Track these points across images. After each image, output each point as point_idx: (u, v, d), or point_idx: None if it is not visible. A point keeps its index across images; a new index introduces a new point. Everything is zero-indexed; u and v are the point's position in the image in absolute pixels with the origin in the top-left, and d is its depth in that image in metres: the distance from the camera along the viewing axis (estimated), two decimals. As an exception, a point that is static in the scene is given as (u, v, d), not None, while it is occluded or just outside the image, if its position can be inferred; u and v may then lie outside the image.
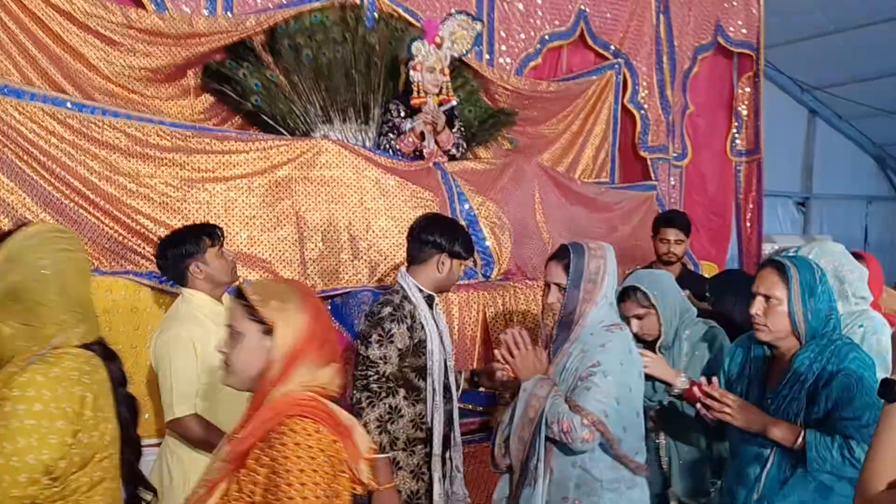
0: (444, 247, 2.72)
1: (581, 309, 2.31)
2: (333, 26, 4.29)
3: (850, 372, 2.18)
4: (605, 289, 2.33)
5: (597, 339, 2.27)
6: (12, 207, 3.35)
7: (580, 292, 2.30)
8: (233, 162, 3.67)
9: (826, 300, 2.29)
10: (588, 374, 2.22)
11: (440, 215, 2.92)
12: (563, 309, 2.33)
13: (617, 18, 5.61)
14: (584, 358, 2.26)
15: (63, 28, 3.73)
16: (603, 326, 2.31)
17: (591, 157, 5.51)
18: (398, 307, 2.65)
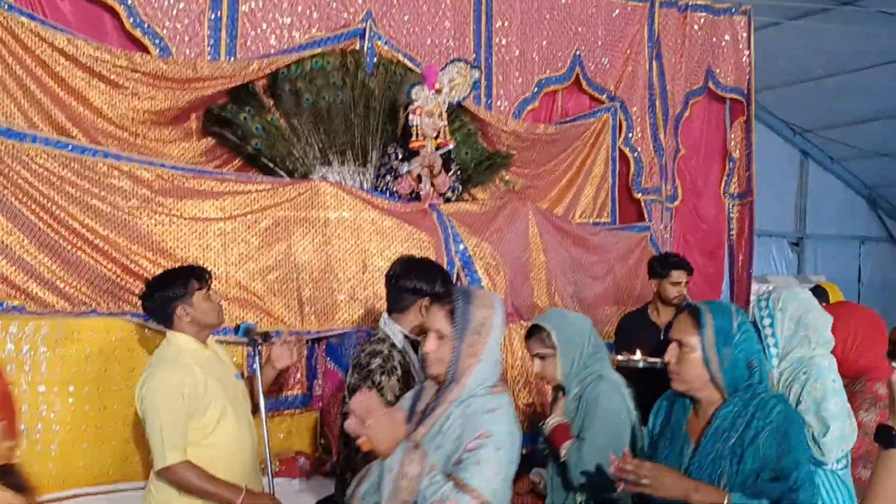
0: (426, 291, 2.67)
1: (463, 364, 2.01)
2: (334, 71, 4.38)
3: (777, 428, 2.01)
4: (491, 344, 2.05)
5: (483, 403, 1.99)
6: (10, 249, 3.38)
7: (464, 344, 2.01)
8: (232, 203, 3.71)
9: (746, 349, 2.10)
10: (477, 446, 1.91)
11: (415, 259, 2.84)
12: (445, 362, 2.04)
13: (612, 63, 5.73)
14: (467, 423, 1.96)
15: (68, 71, 3.80)
16: (488, 387, 2.04)
17: (591, 198, 5.58)
18: (387, 358, 2.59)
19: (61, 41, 3.73)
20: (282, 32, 4.47)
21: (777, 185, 9.27)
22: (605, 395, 2.56)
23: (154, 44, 4.10)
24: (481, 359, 2.02)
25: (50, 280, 3.41)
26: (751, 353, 2.11)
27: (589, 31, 5.65)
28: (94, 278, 3.47)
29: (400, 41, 4.84)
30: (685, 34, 6.05)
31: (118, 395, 3.31)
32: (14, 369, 3.11)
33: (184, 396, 2.50)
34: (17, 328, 3.14)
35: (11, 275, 3.38)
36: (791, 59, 8.14)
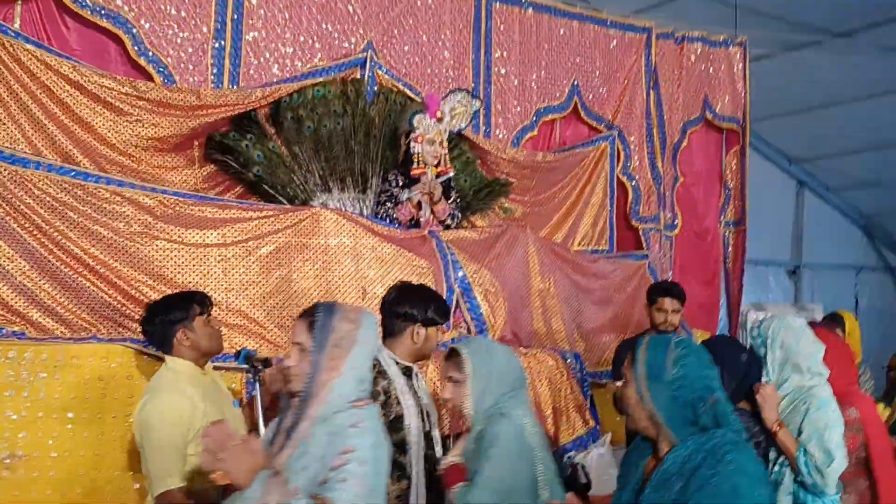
0: (417, 317, 2.70)
1: (322, 378, 1.93)
2: (335, 99, 4.43)
3: (725, 479, 1.79)
4: (353, 359, 1.96)
5: (346, 419, 1.91)
6: (11, 275, 3.39)
7: (323, 357, 1.94)
8: (233, 230, 3.73)
9: (687, 387, 1.89)
10: (341, 463, 1.84)
11: (409, 285, 2.86)
12: (303, 376, 1.96)
13: (609, 93, 5.81)
14: (331, 441, 1.89)
15: (73, 98, 3.85)
16: (350, 403, 1.96)
17: (590, 226, 5.62)
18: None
19: (66, 68, 3.78)
20: (284, 62, 4.54)
21: (773, 213, 9.31)
22: (503, 437, 2.38)
23: (158, 72, 4.15)
24: (342, 373, 1.94)
25: (50, 306, 3.42)
26: (694, 392, 1.89)
27: (587, 61, 5.74)
28: (95, 304, 3.47)
29: (400, 70, 4.91)
30: (682, 65, 6.14)
31: (117, 421, 3.29)
32: (13, 395, 3.10)
33: (182, 422, 2.49)
34: (16, 353, 3.13)
35: (12, 300, 3.38)
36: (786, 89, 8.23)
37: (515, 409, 2.48)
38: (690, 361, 1.94)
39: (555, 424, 3.78)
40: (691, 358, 1.95)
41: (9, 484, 3.06)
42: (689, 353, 1.96)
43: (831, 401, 2.71)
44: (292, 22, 4.61)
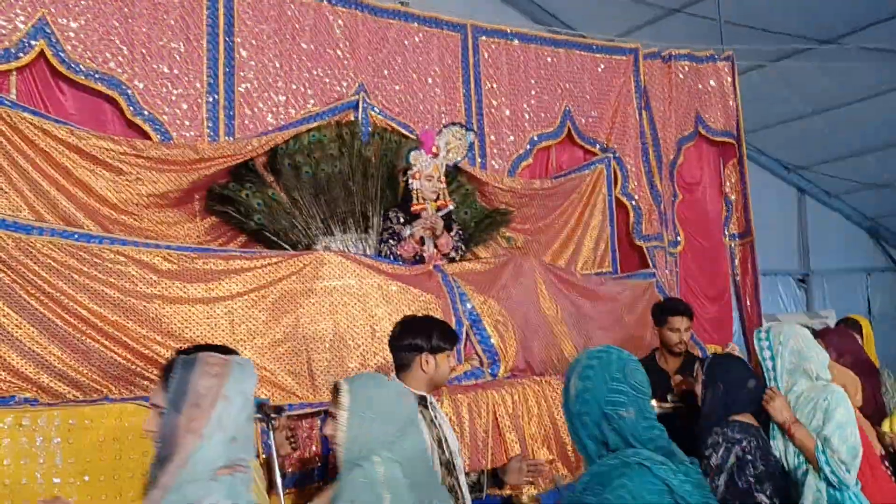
0: (423, 347, 2.72)
1: (177, 440, 1.69)
2: (330, 143, 4.47)
3: None
4: (219, 418, 1.72)
5: (192, 493, 1.67)
6: (20, 342, 3.38)
7: (179, 418, 1.70)
8: (238, 280, 3.73)
9: (592, 403, 1.79)
10: None
11: (412, 317, 2.90)
12: (157, 439, 1.76)
13: (601, 116, 5.85)
14: None
15: (71, 161, 3.88)
16: (215, 470, 1.71)
17: (591, 249, 5.61)
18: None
19: (64, 133, 3.83)
20: (278, 110, 4.59)
21: (777, 223, 9.31)
22: (349, 488, 2.20)
23: (154, 129, 4.20)
24: (203, 435, 1.69)
25: (60, 370, 3.41)
26: (600, 408, 1.76)
27: (576, 86, 5.79)
28: (105, 365, 3.46)
29: (392, 109, 4.96)
30: (671, 82, 6.19)
31: (133, 481, 3.26)
32: (28, 462, 3.08)
33: None
34: (29, 420, 3.11)
35: (22, 367, 3.38)
36: (778, 99, 8.30)
37: (377, 458, 2.21)
38: (594, 374, 1.80)
39: (575, 452, 3.73)
40: (596, 370, 1.80)
41: (28, 553, 3.03)
42: (595, 365, 1.81)
43: (846, 398, 2.80)
44: (283, 70, 4.67)
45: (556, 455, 3.64)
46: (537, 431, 3.63)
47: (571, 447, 3.73)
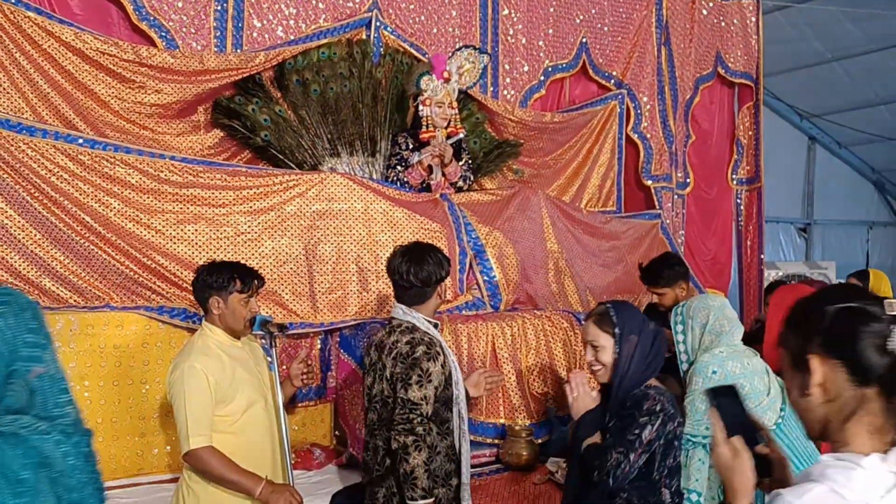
0: (444, 275, 2.71)
1: None
2: (340, 62, 4.35)
3: None
4: None
5: None
6: (23, 244, 3.38)
7: None
8: (243, 196, 3.69)
9: None
10: None
11: (411, 250, 2.72)
12: None
13: (619, 50, 5.69)
14: None
15: (75, 65, 3.78)
16: None
17: (597, 187, 5.55)
18: (430, 345, 2.58)
19: (68, 35, 3.71)
20: (288, 23, 4.45)
21: (784, 170, 9.24)
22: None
23: (160, 36, 4.08)
24: None
25: (63, 275, 3.41)
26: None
27: (595, 17, 5.62)
28: (108, 272, 3.46)
29: (406, 30, 4.81)
30: (694, 19, 6.01)
31: (132, 389, 3.32)
32: (29, 365, 3.11)
33: (209, 384, 2.51)
34: (31, 323, 3.13)
35: (25, 270, 3.38)
36: (798, 43, 8.09)
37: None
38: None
39: (570, 385, 3.78)
40: (8, 318, 1.41)
41: (29, 452, 3.09)
42: (7, 309, 1.42)
43: (709, 364, 2.80)
44: (295, -18, 4.51)
45: (550, 388, 3.68)
46: (534, 364, 3.67)
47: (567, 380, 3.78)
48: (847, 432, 1.21)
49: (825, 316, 1.22)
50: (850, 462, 1.17)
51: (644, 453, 2.22)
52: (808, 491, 1.15)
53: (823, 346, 1.21)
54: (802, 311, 1.28)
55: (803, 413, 1.27)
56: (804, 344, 1.24)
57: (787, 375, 1.30)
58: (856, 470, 1.16)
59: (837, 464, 1.18)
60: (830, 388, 1.21)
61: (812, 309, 1.25)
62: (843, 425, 1.21)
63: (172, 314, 3.38)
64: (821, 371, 1.22)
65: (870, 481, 1.15)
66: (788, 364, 1.29)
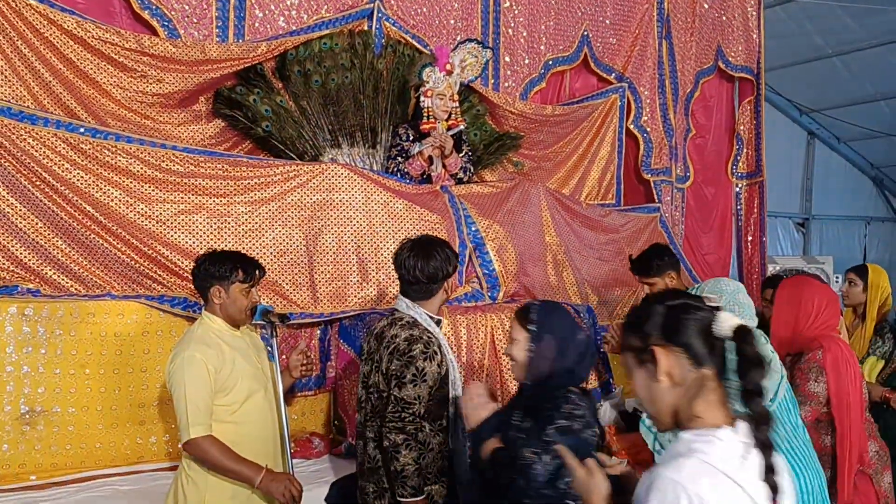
0: (451, 271, 2.66)
1: None
2: (342, 52, 4.35)
3: None
4: None
5: None
6: (24, 233, 3.39)
7: None
8: (244, 186, 3.70)
9: None
10: None
11: (419, 245, 2.67)
12: None
13: (620, 43, 5.70)
14: None
15: (76, 54, 3.78)
16: None
17: (597, 180, 5.57)
18: (428, 343, 2.55)
19: (70, 24, 3.71)
20: (290, 13, 4.45)
21: (783, 165, 9.23)
22: None
23: (162, 25, 4.07)
24: None
25: (64, 263, 3.42)
26: None
27: (597, 10, 5.62)
28: (108, 261, 3.47)
29: (408, 22, 4.81)
30: (695, 13, 6.01)
31: (133, 377, 3.33)
32: (31, 352, 3.13)
33: (208, 373, 2.51)
34: (32, 311, 3.15)
35: (26, 258, 3.39)
36: (798, 37, 8.08)
37: None
38: None
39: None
40: None
41: (28, 439, 3.11)
42: None
43: None
44: (297, -28, 4.50)
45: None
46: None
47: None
48: (697, 409, 1.36)
49: (659, 312, 1.39)
50: (709, 436, 1.32)
51: (556, 458, 1.97)
52: (683, 465, 1.28)
53: (664, 337, 1.37)
54: (637, 314, 1.43)
55: (654, 405, 1.41)
56: (646, 339, 1.38)
57: (634, 375, 1.44)
58: (715, 442, 1.31)
59: (699, 438, 1.32)
60: (675, 373, 1.36)
61: (647, 310, 1.41)
62: (691, 404, 1.36)
63: (173, 303, 3.39)
64: (665, 359, 1.36)
65: (727, 450, 1.30)
66: (634, 362, 1.42)
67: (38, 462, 3.13)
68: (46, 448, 3.15)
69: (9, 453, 3.08)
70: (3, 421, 3.07)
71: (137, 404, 3.35)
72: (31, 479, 3.10)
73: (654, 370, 1.38)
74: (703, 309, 1.38)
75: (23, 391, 3.11)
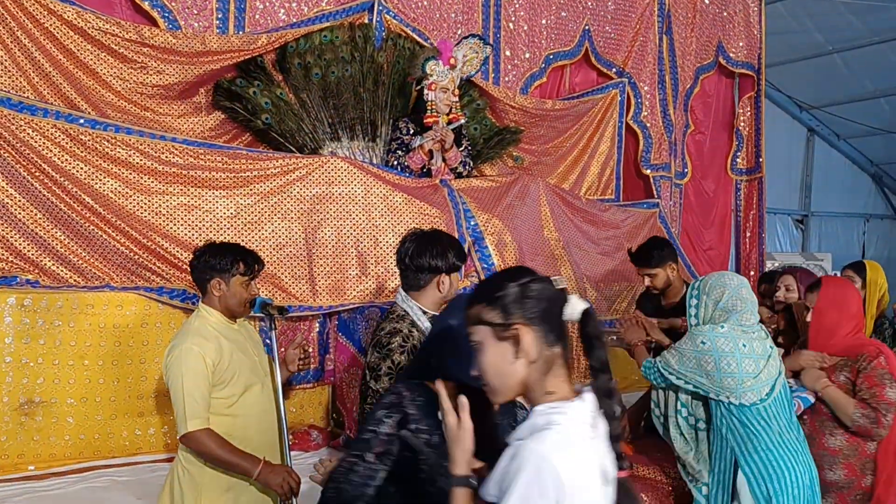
0: (442, 267, 2.59)
1: None
2: (342, 45, 4.35)
3: None
4: None
5: None
6: (24, 224, 3.38)
7: None
8: (243, 179, 3.70)
9: None
10: None
11: (425, 234, 2.68)
12: None
13: (621, 38, 5.69)
14: None
15: (76, 45, 3.77)
16: None
17: (597, 175, 5.57)
18: (406, 337, 2.51)
19: (70, 14, 3.70)
20: (290, 6, 4.44)
21: (783, 161, 9.25)
22: None
23: (163, 17, 4.07)
24: None
25: (64, 254, 3.42)
26: None
27: (598, 5, 5.61)
28: (107, 253, 3.47)
29: (408, 15, 4.80)
30: (696, 8, 6.00)
31: (131, 368, 3.33)
32: (30, 342, 3.13)
33: (206, 366, 2.50)
34: (31, 301, 3.15)
35: (25, 249, 3.39)
36: (799, 34, 8.08)
37: None
38: None
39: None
40: None
41: (27, 430, 3.12)
42: None
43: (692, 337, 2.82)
44: (298, -36, 4.49)
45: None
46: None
47: (562, 367, 3.80)
48: (549, 385, 1.42)
49: (520, 292, 1.43)
50: (563, 408, 1.39)
51: (386, 454, 1.75)
52: (546, 437, 1.34)
53: (526, 317, 1.42)
54: (495, 289, 1.46)
55: (502, 378, 1.45)
56: (508, 316, 1.42)
57: (487, 348, 1.45)
58: (568, 413, 1.39)
59: (555, 411, 1.39)
60: (533, 351, 1.42)
61: (504, 287, 1.45)
62: (543, 379, 1.42)
63: (172, 295, 3.39)
64: (527, 338, 1.41)
65: (580, 421, 1.39)
66: (491, 336, 1.44)
67: (36, 452, 3.14)
68: (45, 438, 3.15)
69: (7, 444, 3.08)
70: (2, 412, 3.08)
71: (136, 396, 3.35)
72: (29, 469, 3.10)
73: (512, 347, 1.42)
74: (558, 291, 1.47)
75: (22, 382, 3.11)
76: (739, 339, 2.79)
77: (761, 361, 2.78)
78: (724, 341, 2.77)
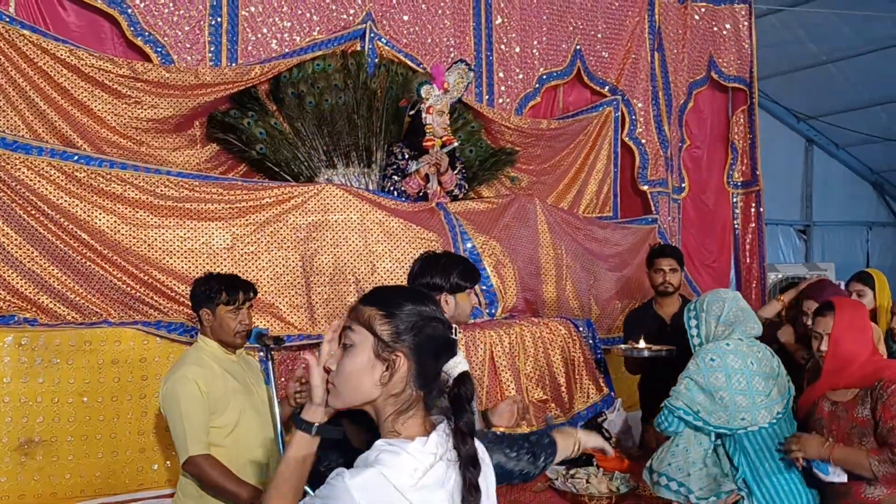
0: (444, 287, 2.56)
1: None
2: (335, 73, 4.37)
3: None
4: None
5: None
6: (20, 262, 3.38)
7: None
8: (238, 209, 3.70)
9: None
10: None
11: (431, 255, 2.69)
12: None
13: (612, 56, 5.72)
14: None
15: (70, 82, 3.81)
16: None
17: (594, 193, 5.57)
18: None
19: (63, 52, 3.74)
20: (282, 36, 4.47)
21: (783, 172, 9.25)
22: None
23: (156, 52, 4.10)
24: None
25: (61, 291, 3.41)
26: None
27: (589, 24, 5.64)
28: (104, 288, 3.46)
29: (400, 41, 4.83)
30: (686, 24, 6.04)
31: (131, 404, 3.32)
32: (28, 381, 3.12)
33: (201, 392, 2.51)
34: (29, 340, 3.14)
35: (22, 287, 3.38)
36: (793, 45, 8.12)
37: None
38: None
39: (568, 392, 3.78)
40: None
41: (27, 469, 3.09)
42: None
43: (707, 353, 2.79)
44: (289, -6, 4.53)
45: (549, 395, 3.68)
46: (532, 371, 3.67)
47: (565, 387, 3.78)
48: (398, 425, 1.35)
49: (418, 321, 1.36)
50: (398, 447, 1.30)
51: None
52: (362, 473, 1.27)
53: (411, 347, 1.34)
54: (394, 305, 1.37)
55: (352, 390, 1.36)
56: (397, 338, 1.34)
57: (354, 353, 1.36)
58: (401, 455, 1.29)
59: (389, 448, 1.31)
60: (399, 384, 1.35)
61: (405, 307, 1.37)
62: (397, 418, 1.36)
63: (170, 329, 3.39)
64: (403, 368, 1.35)
65: (413, 463, 1.29)
66: (369, 349, 1.36)
67: (37, 492, 3.11)
68: (45, 478, 3.13)
69: (7, 484, 3.06)
70: (2, 452, 3.06)
71: (137, 431, 3.33)
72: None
73: (382, 369, 1.35)
74: (452, 340, 1.40)
75: (21, 421, 3.09)
76: (747, 357, 2.77)
77: (770, 380, 2.76)
78: (734, 358, 2.75)
